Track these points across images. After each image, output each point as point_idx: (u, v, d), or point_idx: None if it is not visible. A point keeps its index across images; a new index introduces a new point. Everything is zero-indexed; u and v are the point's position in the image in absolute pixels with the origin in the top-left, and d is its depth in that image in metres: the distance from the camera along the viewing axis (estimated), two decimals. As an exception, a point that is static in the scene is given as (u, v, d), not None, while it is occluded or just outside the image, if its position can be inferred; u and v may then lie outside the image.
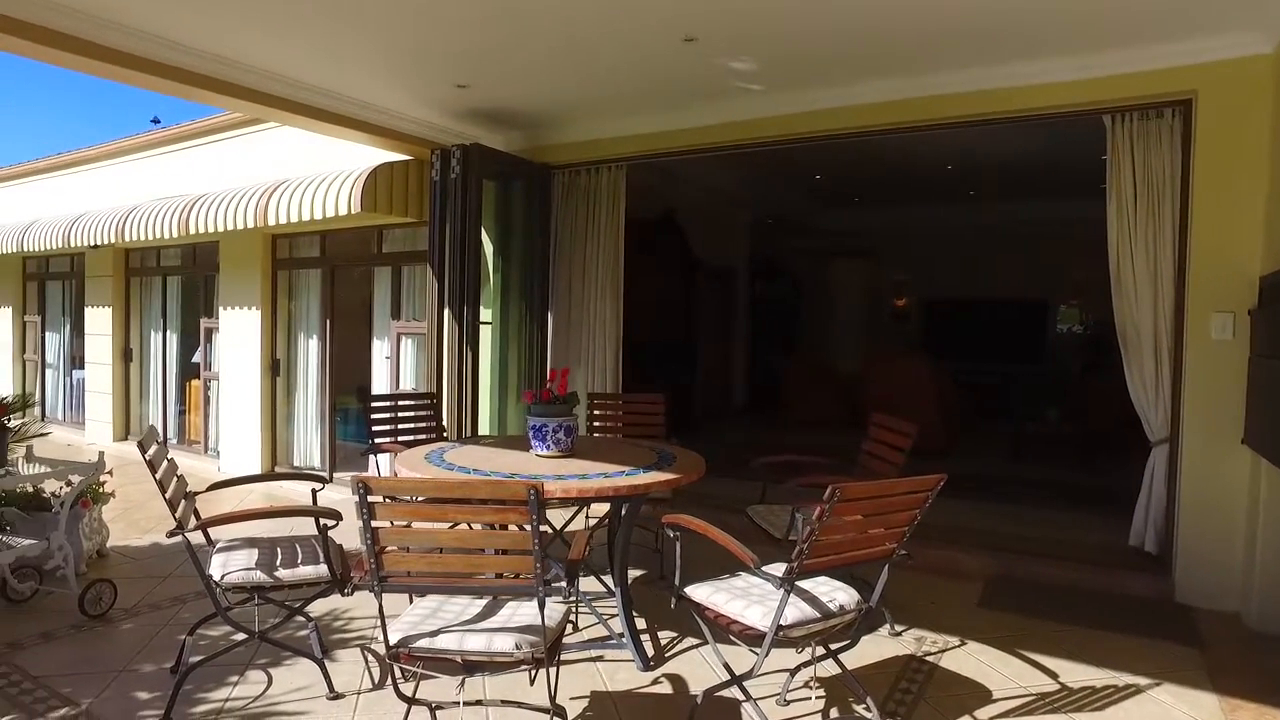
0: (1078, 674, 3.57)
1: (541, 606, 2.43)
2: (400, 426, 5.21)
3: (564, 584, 2.49)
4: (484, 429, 6.22)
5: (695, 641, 3.85)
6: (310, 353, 8.40)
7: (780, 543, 3.83)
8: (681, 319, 10.69)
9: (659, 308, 9.57)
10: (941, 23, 4.26)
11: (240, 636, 3.66)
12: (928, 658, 3.72)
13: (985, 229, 11.67)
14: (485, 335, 6.24)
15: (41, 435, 4.70)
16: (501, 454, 3.88)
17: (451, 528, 2.47)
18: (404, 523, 2.42)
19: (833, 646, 3.04)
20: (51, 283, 12.51)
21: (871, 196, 11.18)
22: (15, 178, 12.62)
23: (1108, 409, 8.01)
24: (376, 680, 3.41)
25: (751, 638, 2.80)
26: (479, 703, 3.01)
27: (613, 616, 3.95)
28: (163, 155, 9.94)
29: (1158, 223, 4.55)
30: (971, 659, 3.71)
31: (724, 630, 2.90)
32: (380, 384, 7.81)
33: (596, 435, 5.34)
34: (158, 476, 3.12)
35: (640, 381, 6.90)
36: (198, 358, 9.93)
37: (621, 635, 3.68)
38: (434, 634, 2.52)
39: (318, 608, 3.99)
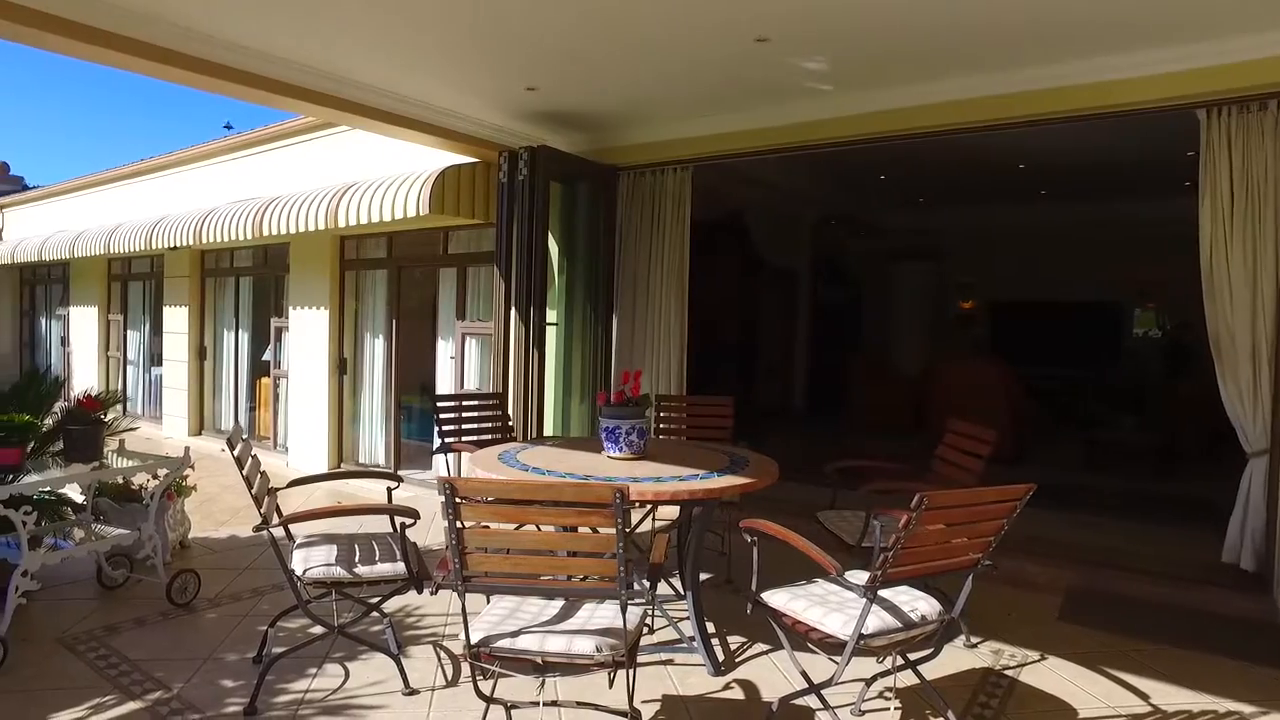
0: (1172, 697, 3.41)
1: (624, 610, 2.42)
2: (468, 426, 5.26)
3: (646, 588, 2.46)
4: (548, 429, 6.25)
5: (765, 647, 3.80)
6: (376, 352, 8.57)
7: (853, 549, 3.76)
8: (742, 321, 10.62)
9: (719, 309, 9.52)
10: (1030, 14, 4.13)
11: (317, 630, 3.77)
12: (1006, 672, 3.61)
13: (1057, 229, 11.30)
14: (550, 336, 6.28)
15: (130, 430, 4.88)
16: (574, 455, 3.89)
17: (514, 529, 2.48)
18: (488, 524, 2.44)
19: (911, 657, 2.98)
20: (133, 283, 13.01)
21: (937, 197, 10.93)
22: (102, 183, 13.17)
23: (1191, 417, 7.69)
24: (450, 677, 3.45)
25: (830, 646, 2.76)
26: (554, 703, 3.02)
27: (682, 619, 3.93)
28: (236, 160, 10.26)
29: (1258, 222, 4.31)
30: (1054, 675, 3.58)
31: (801, 637, 2.85)
32: (444, 384, 7.93)
33: (662, 438, 5.32)
34: (244, 473, 3.20)
35: (699, 383, 6.86)
36: (268, 356, 10.22)
37: (692, 639, 3.66)
38: (515, 634, 2.54)
39: (390, 604, 4.05)
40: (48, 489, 4.06)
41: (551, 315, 6.26)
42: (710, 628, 3.96)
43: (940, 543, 2.75)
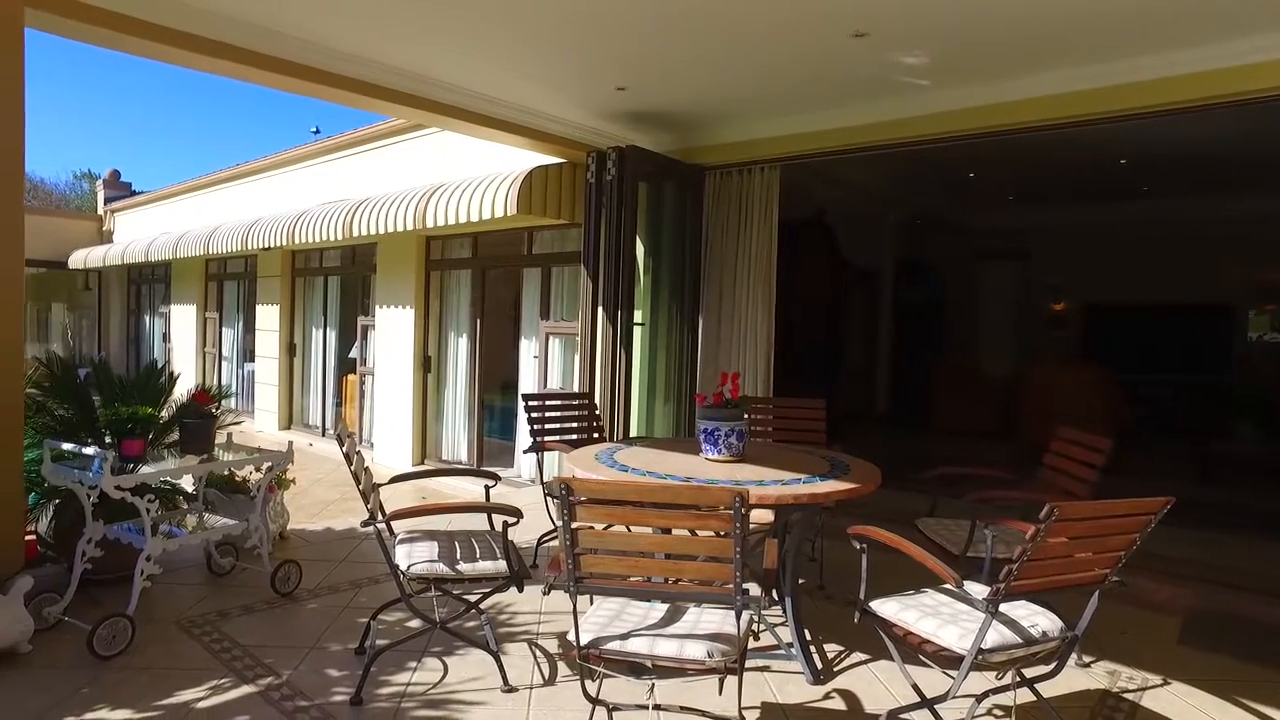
0: (1318, 734, 3.18)
1: (738, 616, 2.38)
2: (556, 425, 5.28)
3: (761, 595, 2.42)
4: (632, 430, 6.25)
5: (864, 657, 3.70)
6: (460, 350, 8.73)
7: (957, 559, 3.63)
8: (824, 322, 10.45)
9: (801, 310, 9.38)
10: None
11: (415, 624, 3.83)
12: (1126, 695, 3.42)
13: (1160, 227, 10.68)
14: (635, 336, 6.28)
15: (236, 424, 5.07)
16: (671, 457, 3.86)
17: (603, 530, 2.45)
18: (602, 525, 2.42)
19: (1028, 674, 2.85)
20: (228, 282, 13.59)
21: (1029, 194, 10.53)
22: (201, 188, 13.79)
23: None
24: (547, 676, 3.46)
25: (944, 659, 2.66)
26: (658, 707, 2.99)
27: (778, 625, 3.87)
28: (326, 163, 10.60)
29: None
30: (1180, 702, 3.38)
31: (913, 649, 2.76)
32: (527, 382, 8.01)
33: (753, 440, 5.25)
34: (352, 469, 3.27)
35: (778, 384, 6.75)
36: (354, 353, 10.52)
37: (790, 645, 3.58)
38: (625, 637, 2.52)
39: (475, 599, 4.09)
40: (166, 479, 4.24)
41: (637, 315, 6.25)
42: (805, 635, 3.88)
43: (1064, 556, 2.62)
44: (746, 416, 3.78)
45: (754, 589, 2.47)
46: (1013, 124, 5.29)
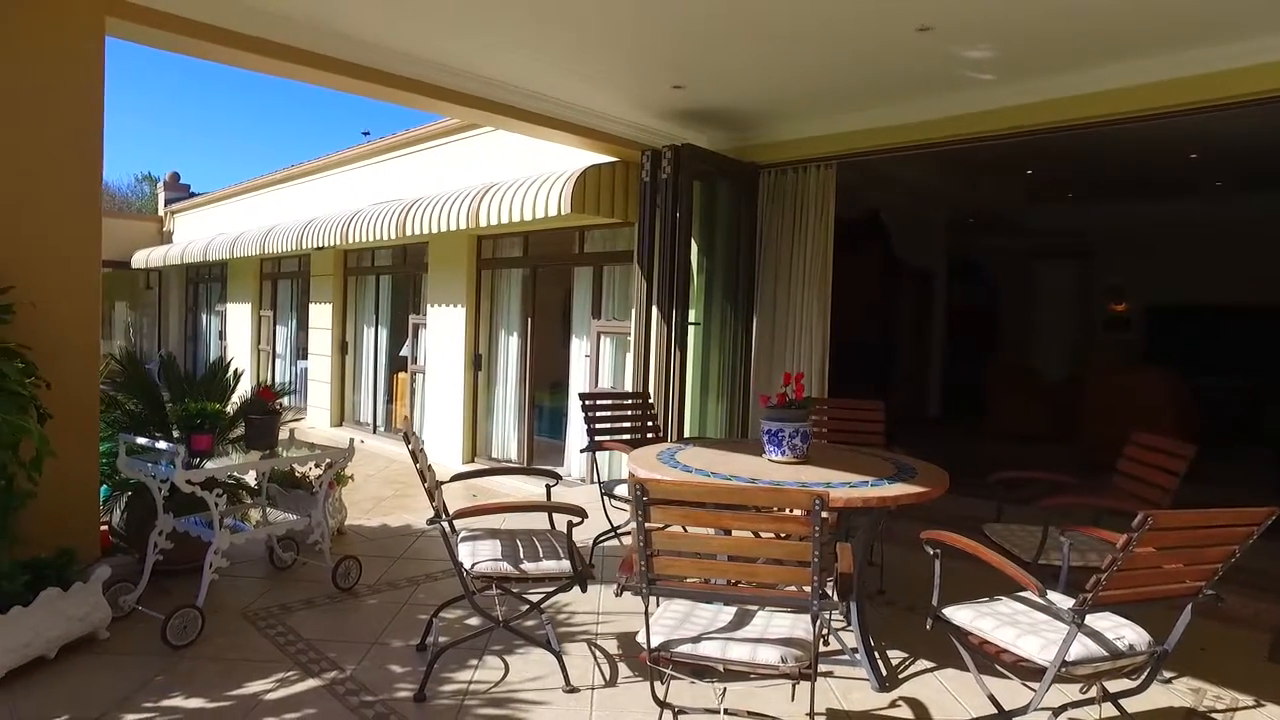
0: None
1: (814, 621, 2.32)
2: (610, 425, 5.26)
3: (837, 600, 2.36)
4: (686, 430, 6.21)
5: (929, 665, 3.61)
6: (510, 349, 8.77)
7: (1029, 566, 3.52)
8: (876, 322, 10.29)
9: (853, 310, 9.24)
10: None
11: (474, 621, 3.84)
12: (1213, 715, 3.28)
13: (1232, 225, 10.29)
14: (689, 335, 6.24)
15: (297, 420, 5.13)
16: (733, 457, 3.81)
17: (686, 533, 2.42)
18: (671, 526, 2.39)
19: (1111, 688, 2.75)
20: (282, 281, 13.85)
21: (1090, 191, 10.23)
22: (256, 189, 14.09)
23: None
24: (608, 677, 3.44)
25: (1024, 670, 2.57)
26: (728, 712, 2.95)
27: (840, 629, 3.80)
28: (378, 163, 10.74)
29: None
30: (1276, 723, 3.23)
31: (990, 659, 2.68)
32: (578, 382, 8.02)
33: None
34: (419, 467, 3.28)
35: (832, 385, 6.64)
36: (405, 351, 10.64)
37: (854, 651, 3.51)
38: (696, 640, 2.48)
39: (538, 599, 4.09)
40: (232, 474, 4.32)
41: (691, 315, 6.21)
42: (869, 640, 3.81)
43: (1153, 567, 2.52)
44: (811, 418, 3.72)
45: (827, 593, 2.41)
46: (1080, 118, 5.13)
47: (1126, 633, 2.64)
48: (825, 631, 3.73)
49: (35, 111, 3.71)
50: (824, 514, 2.17)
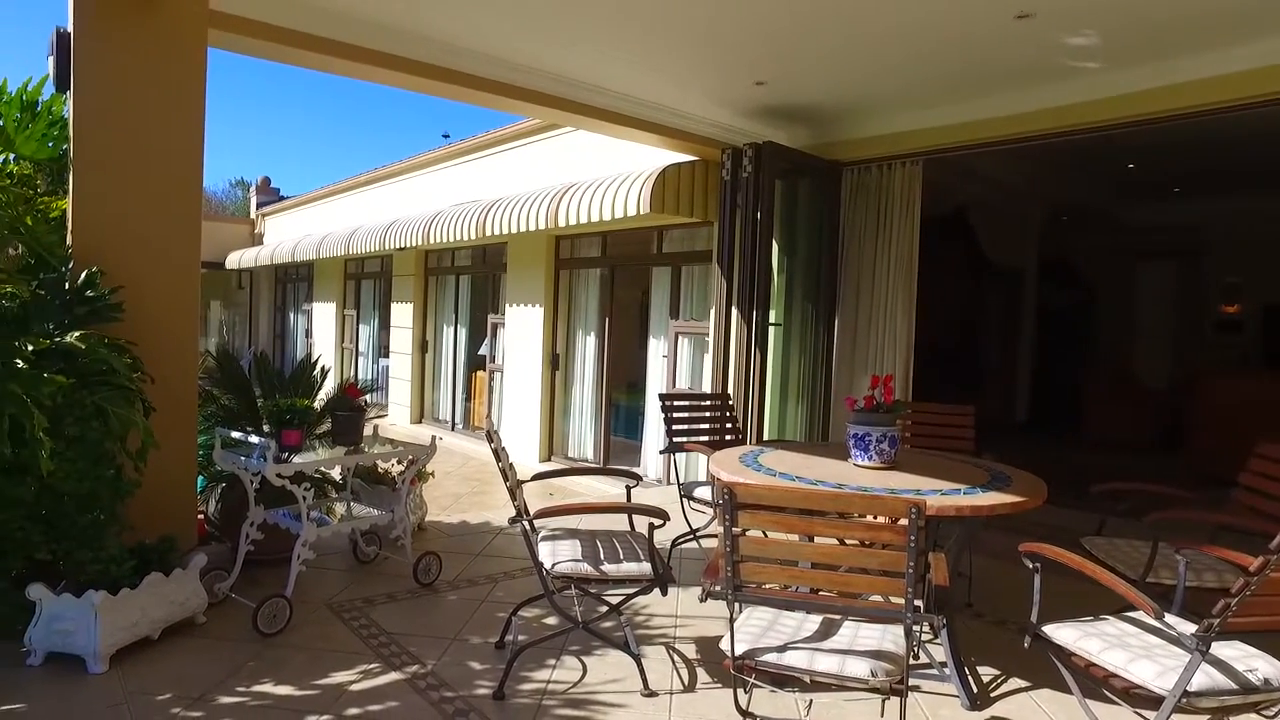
0: None
1: (908, 634, 2.22)
2: (687, 426, 5.20)
3: (933, 614, 2.25)
4: (764, 432, 6.10)
5: (1023, 684, 3.43)
6: (588, 349, 8.79)
7: (1135, 585, 3.30)
8: (961, 324, 9.95)
9: (938, 311, 8.96)
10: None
11: (552, 621, 3.84)
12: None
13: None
14: (769, 336, 6.13)
15: (381, 417, 5.23)
16: (817, 461, 3.70)
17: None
18: (753, 532, 2.32)
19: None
20: (365, 281, 14.25)
21: (1199, 186, 9.62)
22: (341, 192, 14.53)
23: None
24: (686, 682, 3.38)
25: (1137, 698, 2.40)
26: (809, 724, 2.86)
27: (928, 642, 3.65)
28: (458, 165, 10.93)
29: None
30: None
31: (1096, 683, 2.51)
32: (655, 382, 7.98)
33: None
34: (500, 466, 3.29)
35: (916, 388, 6.42)
36: (483, 350, 10.80)
37: (943, 666, 3.36)
38: (781, 649, 2.40)
39: (616, 601, 4.06)
40: (319, 469, 4.43)
41: (772, 315, 6.10)
42: (960, 655, 3.65)
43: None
44: (899, 422, 3.58)
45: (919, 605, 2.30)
46: (1195, 106, 4.84)
47: (1259, 665, 2.43)
48: (918, 645, 3.59)
49: (145, 122, 3.87)
50: (921, 524, 2.07)
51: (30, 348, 3.17)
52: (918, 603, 2.17)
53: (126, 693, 3.07)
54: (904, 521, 2.09)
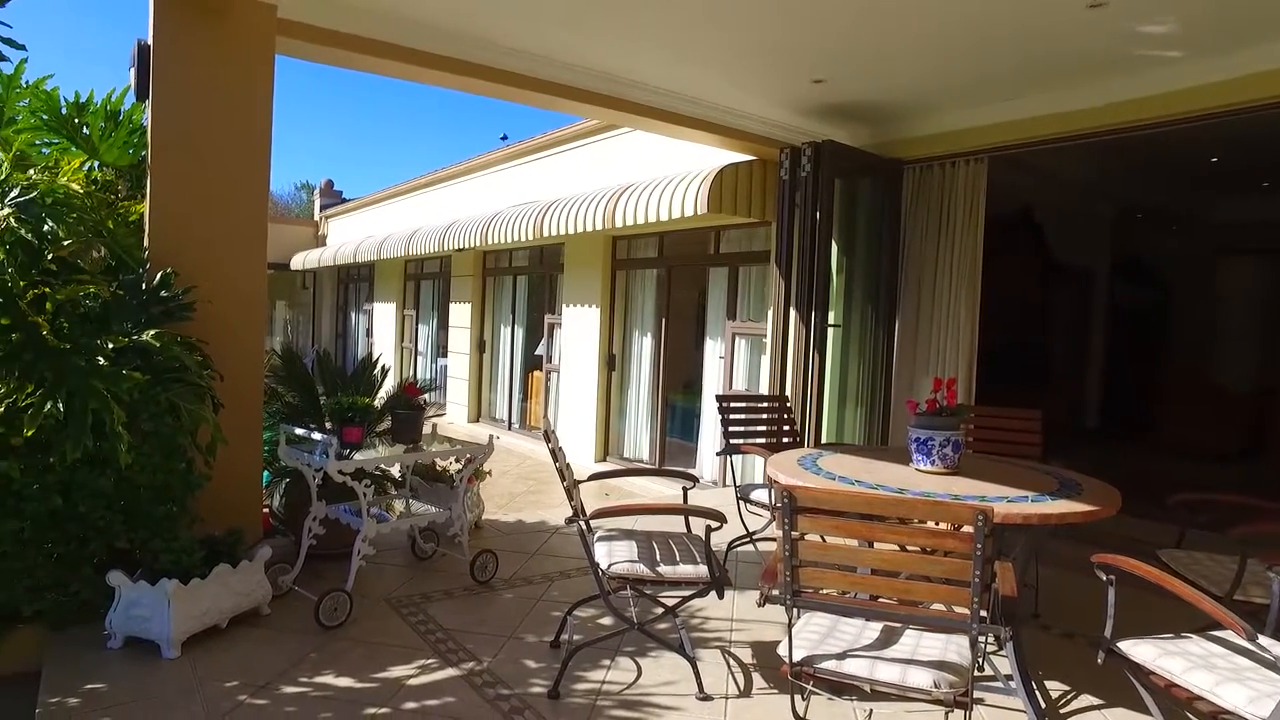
0: None
1: (973, 645, 2.14)
2: (742, 429, 5.15)
3: (1001, 626, 2.17)
4: (822, 435, 6.01)
5: (1095, 701, 3.30)
6: (644, 349, 8.78)
7: (1220, 602, 3.14)
8: (1027, 326, 9.64)
9: (1002, 313, 8.71)
10: None
11: (607, 621, 3.84)
12: None
13: None
14: (828, 338, 6.03)
15: (440, 416, 5.31)
16: (878, 465, 3.63)
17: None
18: (821, 537, 2.27)
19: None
20: (424, 282, 14.51)
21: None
22: (401, 194, 14.82)
23: None
24: (742, 687, 3.34)
25: (1223, 723, 2.27)
26: (869, 735, 2.80)
27: (991, 653, 3.54)
28: (516, 167, 11.03)
29: None
30: None
31: (1179, 705, 2.39)
32: (711, 383, 7.93)
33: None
34: (558, 465, 3.30)
35: (979, 392, 6.24)
36: (540, 350, 10.88)
37: (1009, 679, 3.25)
38: (841, 656, 2.35)
39: (673, 603, 4.04)
40: (380, 466, 4.51)
41: (831, 316, 6.00)
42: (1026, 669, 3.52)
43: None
44: (962, 426, 3.48)
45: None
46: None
47: (1356, 688, 2.29)
48: (983, 658, 3.48)
49: (216, 128, 4.00)
50: (988, 531, 1.99)
51: (110, 346, 3.29)
52: (984, 613, 2.10)
53: (197, 678, 3.18)
54: (970, 529, 2.02)
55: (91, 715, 2.91)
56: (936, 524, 2.33)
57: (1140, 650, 2.53)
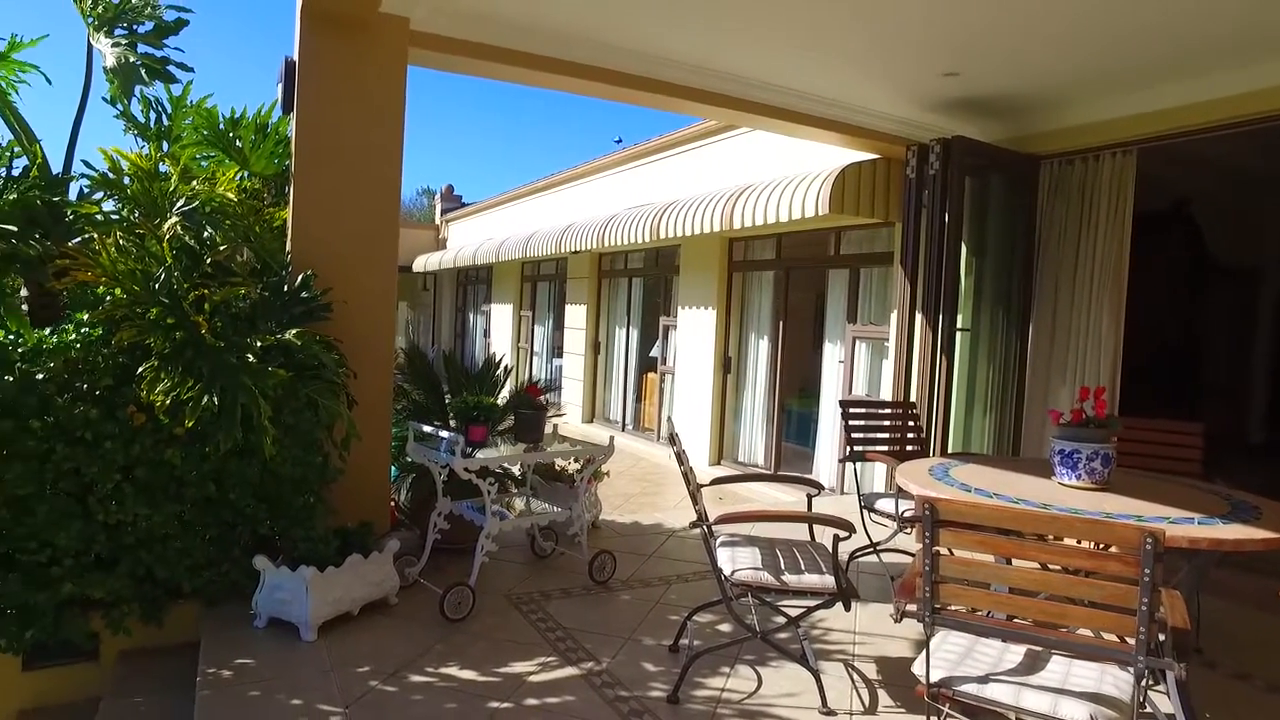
0: None
1: (1138, 680, 1.97)
2: (866, 435, 4.97)
3: (1171, 659, 1.98)
4: (950, 444, 5.74)
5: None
6: (760, 352, 8.65)
7: None
8: (1179, 331, 8.92)
9: (1151, 316, 8.08)
10: None
11: (725, 628, 3.78)
12: None
13: None
14: (956, 343, 5.76)
15: (560, 416, 5.39)
16: (1016, 478, 3.42)
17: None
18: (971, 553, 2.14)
19: None
20: (541, 283, 14.81)
21: None
22: (518, 197, 15.21)
23: None
24: (867, 704, 3.21)
25: None
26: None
27: (1150, 688, 3.26)
28: (631, 170, 11.09)
29: None
30: None
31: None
32: (830, 388, 7.72)
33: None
34: (682, 469, 3.28)
35: (1125, 402, 5.78)
36: (655, 352, 10.90)
37: (1170, 718, 2.98)
38: (982, 680, 2.20)
39: (794, 612, 3.93)
40: (503, 464, 4.61)
41: (959, 320, 5.72)
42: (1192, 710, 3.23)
43: None
44: (1114, 439, 3.22)
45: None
46: None
47: None
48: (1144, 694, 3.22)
49: (352, 137, 4.19)
50: (1158, 556, 1.82)
51: (258, 344, 3.50)
52: (1152, 644, 1.92)
53: (332, 662, 3.32)
54: (1138, 552, 1.85)
55: (244, 687, 3.11)
56: (1078, 542, 2.15)
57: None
